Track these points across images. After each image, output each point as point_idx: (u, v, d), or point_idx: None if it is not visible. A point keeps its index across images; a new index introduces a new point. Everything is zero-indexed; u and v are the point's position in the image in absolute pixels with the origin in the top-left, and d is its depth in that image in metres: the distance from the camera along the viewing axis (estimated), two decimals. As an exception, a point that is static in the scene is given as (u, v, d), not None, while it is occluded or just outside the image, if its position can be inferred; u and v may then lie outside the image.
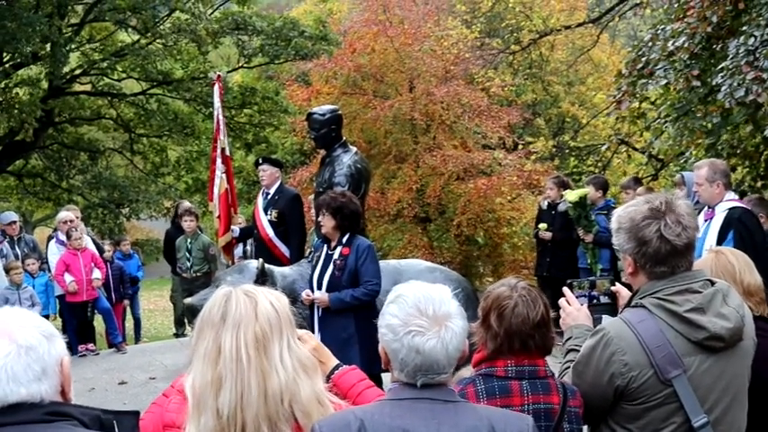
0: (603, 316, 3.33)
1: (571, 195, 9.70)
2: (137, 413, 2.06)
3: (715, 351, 2.81)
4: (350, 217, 6.32)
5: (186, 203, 11.43)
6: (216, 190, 9.50)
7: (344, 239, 6.37)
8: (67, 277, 10.33)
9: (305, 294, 6.33)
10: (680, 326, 2.79)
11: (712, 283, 2.91)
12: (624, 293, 3.38)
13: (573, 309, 3.30)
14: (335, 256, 6.37)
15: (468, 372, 3.03)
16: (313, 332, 6.17)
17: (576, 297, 3.36)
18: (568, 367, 3.10)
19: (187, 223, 10.11)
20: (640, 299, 2.91)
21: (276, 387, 2.37)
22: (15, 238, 11.06)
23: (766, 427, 3.30)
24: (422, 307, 2.29)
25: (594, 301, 3.40)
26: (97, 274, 10.61)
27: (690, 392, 2.77)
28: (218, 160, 9.53)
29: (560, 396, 2.88)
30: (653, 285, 2.89)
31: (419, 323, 2.27)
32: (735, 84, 7.43)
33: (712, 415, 2.80)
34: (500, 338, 2.89)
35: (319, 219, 6.43)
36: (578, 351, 3.07)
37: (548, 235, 10.18)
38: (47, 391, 1.83)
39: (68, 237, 10.51)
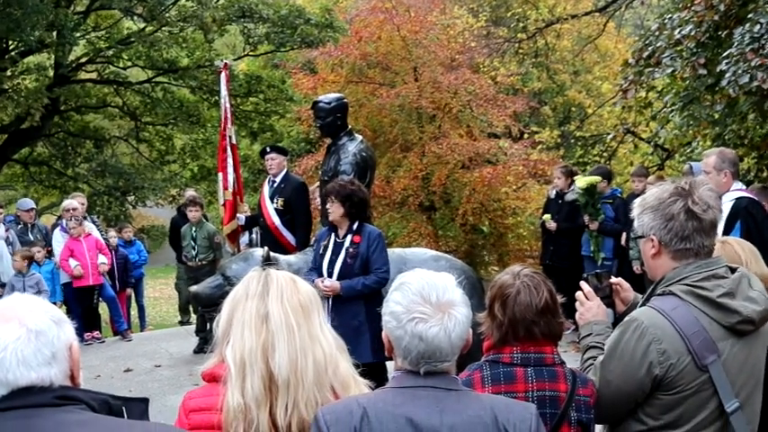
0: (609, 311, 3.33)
1: (581, 181, 9.74)
2: (146, 400, 2.07)
3: (744, 335, 2.82)
4: (358, 205, 6.34)
5: (191, 192, 11.41)
6: (230, 178, 9.49)
7: (354, 227, 6.40)
8: (72, 262, 10.37)
9: (318, 282, 6.32)
10: (713, 311, 2.80)
11: (732, 270, 2.92)
12: (625, 286, 3.39)
13: (593, 304, 3.27)
14: (347, 243, 6.38)
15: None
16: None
17: (595, 290, 3.32)
18: (592, 364, 3.07)
19: (192, 213, 10.12)
20: (666, 287, 2.91)
21: (321, 355, 2.47)
22: (29, 225, 11.16)
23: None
24: (425, 294, 2.29)
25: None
26: (103, 259, 10.67)
27: (724, 378, 2.77)
28: (228, 149, 9.56)
29: (568, 384, 2.87)
30: (679, 272, 2.89)
31: (422, 310, 2.27)
32: (739, 71, 7.41)
33: (739, 399, 2.81)
34: (505, 327, 2.90)
35: (327, 206, 6.43)
36: (600, 348, 3.06)
37: (553, 225, 10.22)
38: (56, 376, 1.85)
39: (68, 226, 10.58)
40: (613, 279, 3.40)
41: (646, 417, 2.88)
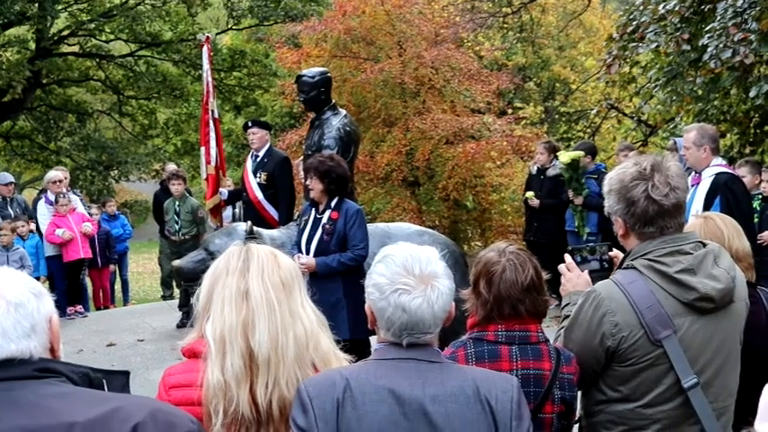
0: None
1: (564, 157, 9.75)
2: (127, 373, 2.06)
3: (705, 312, 2.82)
4: (337, 180, 6.25)
5: (172, 166, 11.34)
6: (212, 152, 9.42)
7: (333, 203, 6.30)
8: (58, 230, 10.31)
9: (295, 258, 6.27)
10: (670, 287, 2.80)
11: (704, 245, 2.92)
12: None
13: (573, 275, 3.30)
14: (324, 220, 6.29)
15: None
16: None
17: (578, 263, 3.35)
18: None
19: (175, 187, 10.10)
20: (631, 260, 2.92)
21: (302, 332, 2.46)
22: (8, 199, 11.09)
23: (755, 394, 3.31)
24: (408, 266, 2.29)
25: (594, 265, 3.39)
26: (88, 225, 10.62)
27: (680, 353, 2.78)
28: (211, 123, 9.49)
29: (552, 362, 2.88)
30: (644, 247, 2.90)
31: (405, 281, 2.27)
32: (721, 45, 7.41)
33: (703, 376, 2.82)
34: (490, 304, 2.90)
35: (307, 182, 6.38)
36: None
37: (536, 202, 10.22)
38: (36, 348, 1.83)
39: (56, 201, 10.50)
40: (613, 252, 3.42)
41: (606, 387, 2.92)
